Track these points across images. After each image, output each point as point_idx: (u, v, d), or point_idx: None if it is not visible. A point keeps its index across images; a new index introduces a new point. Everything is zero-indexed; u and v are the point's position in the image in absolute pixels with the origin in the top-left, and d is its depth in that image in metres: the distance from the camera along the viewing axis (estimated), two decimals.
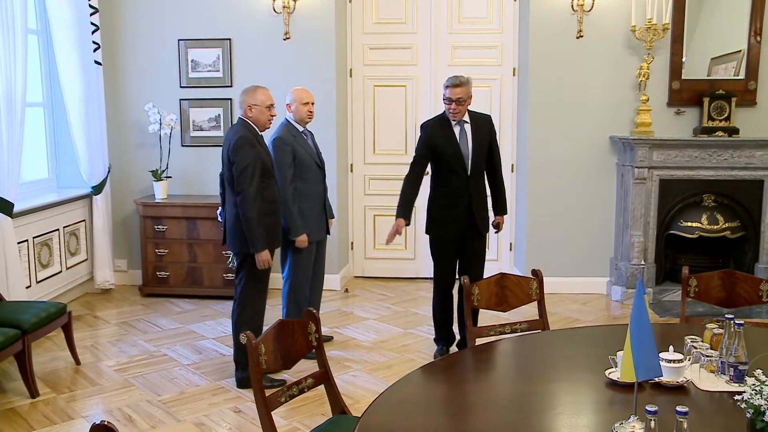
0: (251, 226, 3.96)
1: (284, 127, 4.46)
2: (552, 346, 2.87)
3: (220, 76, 6.10)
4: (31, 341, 4.03)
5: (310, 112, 4.51)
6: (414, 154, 4.53)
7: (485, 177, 4.56)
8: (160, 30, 6.10)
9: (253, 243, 3.99)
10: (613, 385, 2.29)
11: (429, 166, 4.52)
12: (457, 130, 4.39)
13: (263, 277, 4.15)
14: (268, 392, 2.35)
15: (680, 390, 2.27)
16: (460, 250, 4.51)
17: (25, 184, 5.50)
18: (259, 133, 4.12)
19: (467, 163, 4.38)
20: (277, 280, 4.88)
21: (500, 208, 4.65)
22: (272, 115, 4.15)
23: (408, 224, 4.48)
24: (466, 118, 4.41)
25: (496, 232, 4.76)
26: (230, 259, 4.38)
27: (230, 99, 6.05)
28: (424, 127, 4.50)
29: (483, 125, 4.47)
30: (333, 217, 4.79)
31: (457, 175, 4.38)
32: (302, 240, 4.41)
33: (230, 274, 5.63)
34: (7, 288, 4.59)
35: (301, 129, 4.50)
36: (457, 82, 4.30)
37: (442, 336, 4.63)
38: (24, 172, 5.36)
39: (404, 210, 4.45)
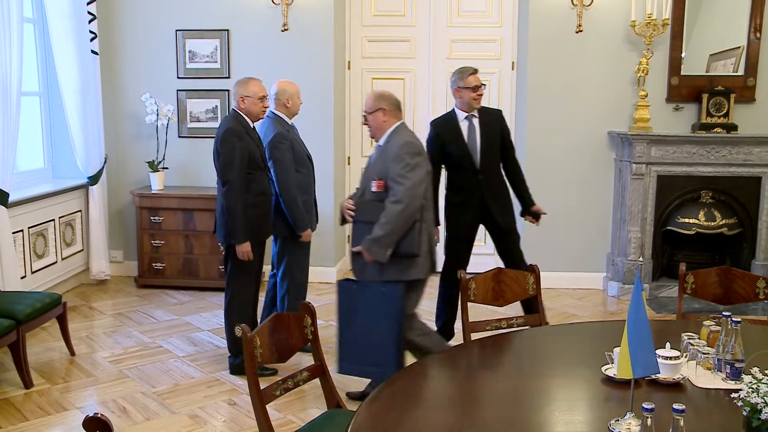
0: (234, 217, 4.00)
1: (277, 122, 4.33)
2: (548, 341, 2.86)
3: (217, 67, 6.07)
4: (25, 332, 4.01)
5: (300, 104, 4.51)
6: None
7: (503, 172, 4.51)
8: (157, 20, 6.06)
9: (234, 234, 4.02)
10: (610, 381, 2.28)
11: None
12: (465, 125, 4.37)
13: (249, 267, 4.16)
14: (263, 385, 2.34)
15: (677, 387, 2.26)
16: (497, 249, 4.52)
17: (21, 174, 5.48)
18: (251, 125, 4.12)
19: (476, 159, 4.35)
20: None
21: (529, 198, 4.57)
22: (264, 107, 4.16)
23: (438, 225, 4.46)
24: (475, 112, 4.39)
25: (536, 223, 4.64)
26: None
27: (227, 90, 6.02)
28: (433, 125, 4.48)
29: (492, 120, 4.43)
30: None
31: (467, 171, 4.35)
32: (308, 235, 4.39)
33: None
34: (2, 278, 4.57)
35: (290, 123, 4.45)
36: (476, 69, 4.34)
37: (442, 331, 4.62)
38: (20, 161, 5.34)
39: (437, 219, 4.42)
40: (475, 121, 4.38)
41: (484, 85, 4.37)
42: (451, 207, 4.47)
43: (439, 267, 6.40)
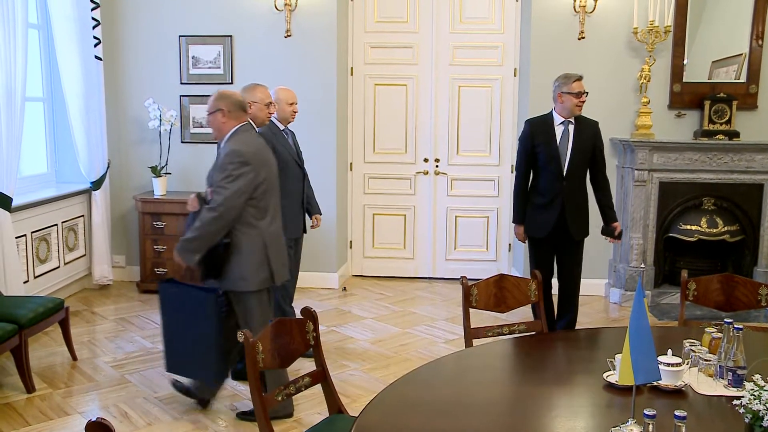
0: None
1: (265, 126, 4.42)
2: (550, 347, 2.86)
3: (220, 72, 6.09)
4: (28, 336, 4.02)
5: (294, 112, 4.52)
6: (517, 154, 4.62)
7: (587, 183, 4.53)
8: (160, 26, 6.09)
9: None
10: (611, 388, 2.28)
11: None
12: (560, 129, 4.42)
13: None
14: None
15: (678, 394, 2.26)
16: (556, 254, 4.55)
17: (24, 179, 5.49)
18: (256, 131, 4.13)
19: (563, 164, 4.39)
20: None
21: (613, 214, 4.57)
22: (270, 113, 4.19)
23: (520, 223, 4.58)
24: (572, 119, 4.43)
25: (614, 240, 4.65)
26: None
27: None
28: (528, 122, 4.58)
29: (587, 129, 4.46)
30: (320, 213, 4.80)
31: (552, 175, 4.40)
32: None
33: None
34: (5, 283, 4.58)
35: (282, 128, 4.49)
36: (581, 76, 4.40)
37: None
38: (23, 166, 5.35)
39: (518, 216, 4.57)
40: (571, 128, 4.42)
41: (587, 92, 4.40)
42: (532, 207, 4.51)
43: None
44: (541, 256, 4.55)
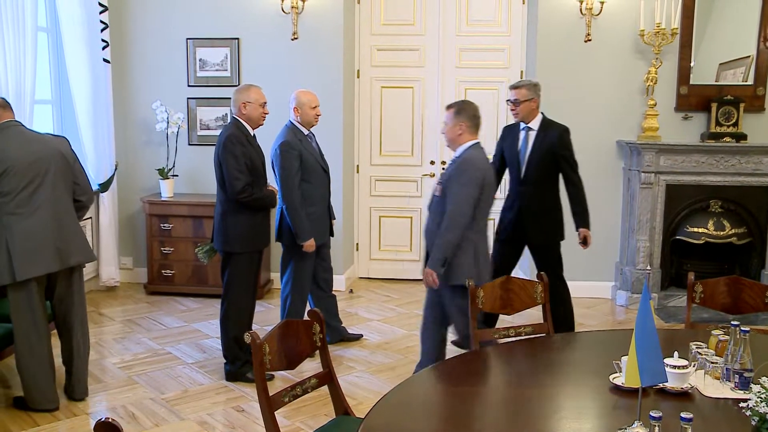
0: (262, 202, 4.16)
1: (290, 131, 4.41)
2: (556, 350, 2.87)
3: (227, 75, 6.11)
4: None
5: (318, 115, 4.52)
6: None
7: (550, 187, 4.54)
8: (168, 29, 6.12)
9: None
10: (617, 390, 2.29)
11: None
12: (522, 135, 4.48)
13: (247, 276, 4.19)
14: (271, 392, 2.35)
15: (685, 396, 2.26)
16: (516, 255, 4.70)
17: None
18: (251, 133, 4.16)
19: (522, 169, 4.45)
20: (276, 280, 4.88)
21: (579, 220, 4.53)
22: (265, 113, 4.19)
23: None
24: (534, 125, 4.46)
25: (583, 246, 4.63)
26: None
27: None
28: (503, 128, 4.78)
29: (550, 135, 4.44)
30: (334, 218, 4.80)
31: (514, 180, 4.55)
32: (310, 245, 4.40)
33: None
34: None
35: (306, 132, 4.48)
36: (515, 84, 4.50)
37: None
38: None
39: None
40: (531, 134, 4.47)
41: (513, 101, 4.43)
42: (501, 209, 4.68)
43: None
44: (499, 255, 4.58)
